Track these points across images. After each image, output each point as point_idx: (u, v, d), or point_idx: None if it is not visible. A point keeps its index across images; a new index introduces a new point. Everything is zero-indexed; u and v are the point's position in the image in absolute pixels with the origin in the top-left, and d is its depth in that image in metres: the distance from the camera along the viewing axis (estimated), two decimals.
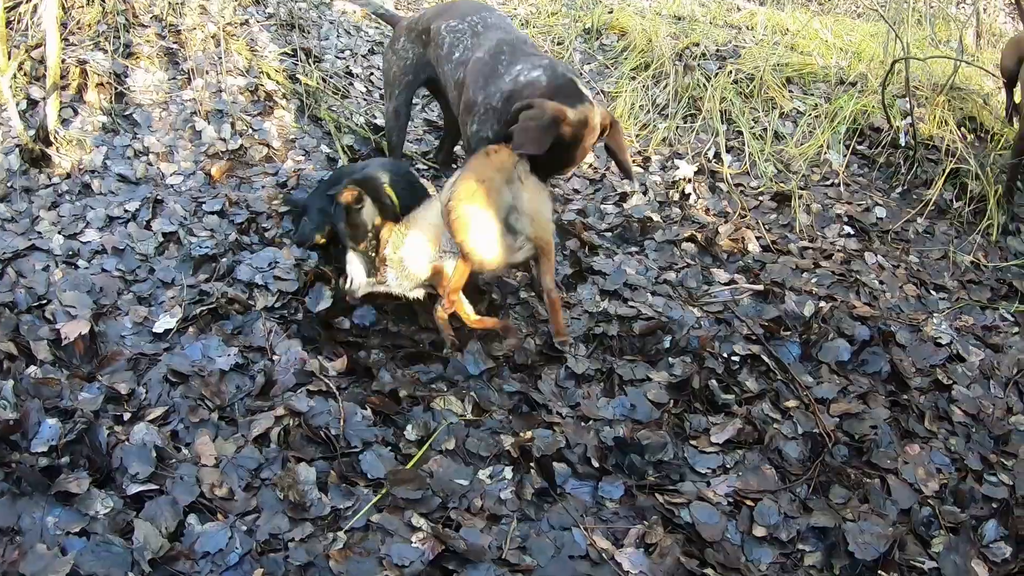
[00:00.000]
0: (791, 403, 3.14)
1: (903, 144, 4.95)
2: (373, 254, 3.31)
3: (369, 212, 3.28)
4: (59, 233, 3.68)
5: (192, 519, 2.41)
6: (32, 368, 2.90)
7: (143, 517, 2.37)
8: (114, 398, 2.85)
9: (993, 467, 2.97)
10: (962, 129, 5.09)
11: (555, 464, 2.73)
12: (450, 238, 3.12)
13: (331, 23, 5.90)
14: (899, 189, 4.84)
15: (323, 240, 3.69)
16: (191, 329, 3.21)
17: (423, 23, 3.82)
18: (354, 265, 3.34)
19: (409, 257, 3.27)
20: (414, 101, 4.95)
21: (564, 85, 3.19)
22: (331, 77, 5.21)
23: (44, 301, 3.25)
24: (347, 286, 3.33)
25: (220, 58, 4.87)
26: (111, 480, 2.52)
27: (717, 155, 4.96)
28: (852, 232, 4.43)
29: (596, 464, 2.77)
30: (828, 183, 4.81)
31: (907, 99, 4.88)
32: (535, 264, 3.30)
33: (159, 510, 2.41)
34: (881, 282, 4.00)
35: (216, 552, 2.33)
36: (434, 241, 3.23)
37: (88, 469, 2.51)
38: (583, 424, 2.95)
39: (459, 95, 3.51)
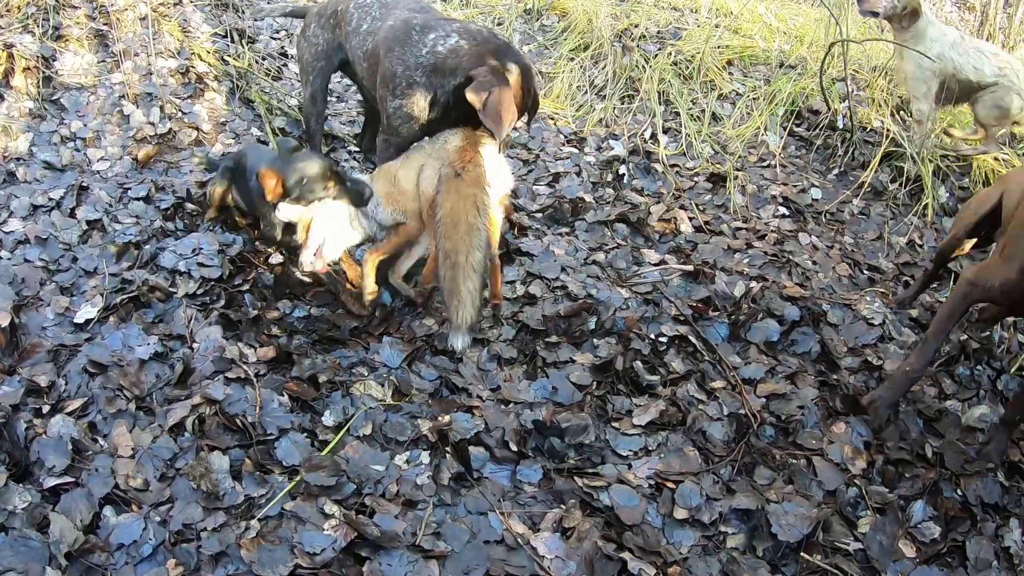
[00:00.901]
0: (717, 384, 3.14)
1: (841, 127, 4.97)
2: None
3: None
4: None
5: (107, 511, 2.39)
6: None
7: (59, 510, 2.35)
8: (34, 391, 2.80)
9: (922, 447, 2.98)
10: (900, 113, 5.13)
11: (473, 448, 2.72)
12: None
13: (266, 2, 5.81)
14: (835, 171, 4.86)
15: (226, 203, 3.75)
16: (112, 318, 3.16)
17: (331, 6, 3.81)
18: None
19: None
20: (349, 83, 4.91)
21: (487, 41, 3.20)
22: (265, 58, 5.14)
23: None
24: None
25: (151, 39, 4.77)
26: (29, 474, 2.49)
27: (654, 136, 4.95)
28: (787, 213, 4.44)
29: (515, 448, 2.75)
30: (764, 164, 4.82)
31: (845, 82, 4.91)
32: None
33: (75, 503, 2.38)
34: (814, 262, 4.01)
35: (130, 544, 2.31)
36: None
37: (6, 464, 2.48)
38: (503, 407, 2.93)
39: (372, 68, 3.46)
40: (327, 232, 3.30)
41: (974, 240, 3.60)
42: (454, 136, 3.23)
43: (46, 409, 2.73)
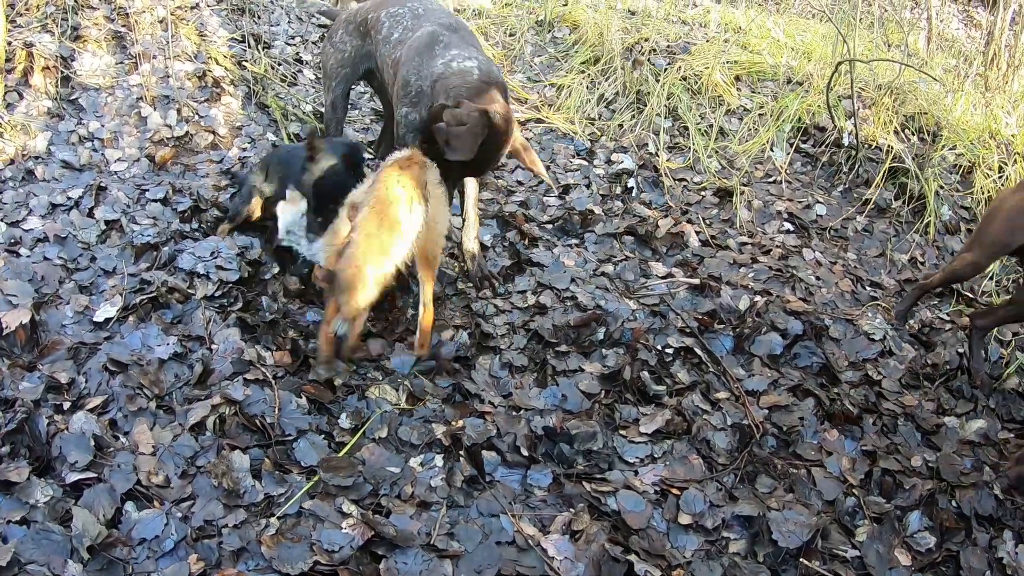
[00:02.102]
0: (722, 395, 3.22)
1: (846, 144, 5.05)
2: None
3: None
4: (1, 220, 3.66)
5: (129, 506, 2.44)
6: None
7: (81, 505, 2.40)
8: (54, 387, 2.85)
9: (919, 460, 3.05)
10: (905, 131, 5.20)
11: (485, 452, 2.79)
12: None
13: (283, 8, 5.89)
14: (840, 188, 4.93)
15: (255, 216, 3.78)
16: (131, 318, 3.21)
17: (362, 15, 3.83)
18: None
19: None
20: (362, 91, 4.97)
21: (495, 83, 3.21)
22: (280, 64, 5.20)
23: None
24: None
25: (168, 42, 4.84)
26: (51, 469, 2.54)
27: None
28: (792, 228, 4.52)
29: (526, 453, 2.83)
30: (771, 180, 4.89)
31: (851, 100, 4.98)
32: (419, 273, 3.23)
33: (97, 498, 2.43)
34: (818, 278, 4.09)
35: (152, 538, 2.37)
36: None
37: (28, 458, 2.53)
38: (514, 414, 3.01)
39: (394, 75, 3.50)
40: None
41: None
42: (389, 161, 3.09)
43: (67, 406, 2.78)
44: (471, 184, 3.69)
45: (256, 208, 3.77)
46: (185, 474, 2.60)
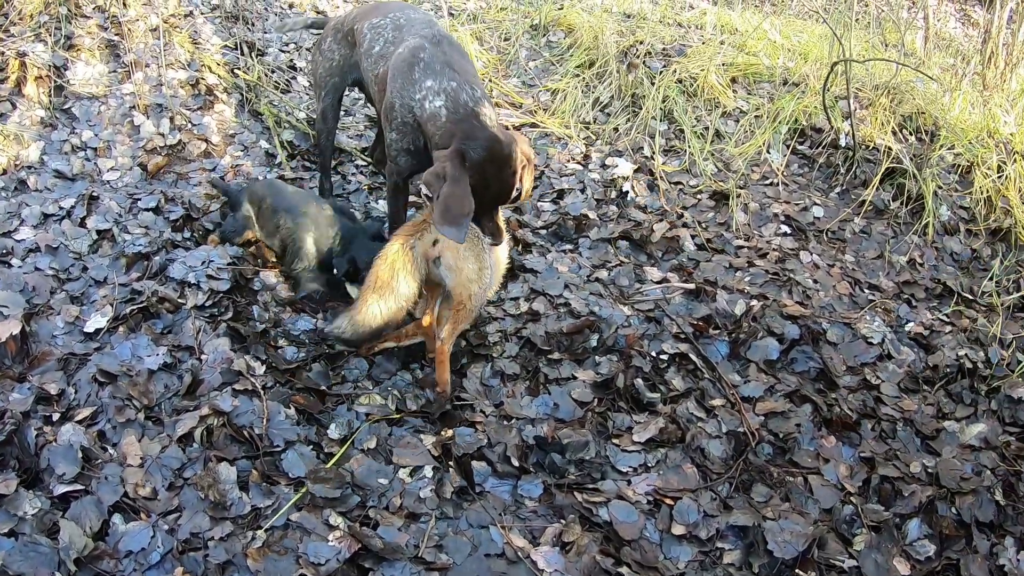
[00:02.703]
0: (717, 402, 3.18)
1: (843, 145, 5.01)
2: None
3: None
4: None
5: (116, 519, 2.45)
6: None
7: (69, 517, 2.41)
8: (44, 398, 2.85)
9: (919, 465, 3.01)
10: (903, 131, 5.16)
11: (475, 463, 2.77)
12: None
13: (276, 15, 5.88)
14: (838, 189, 4.89)
15: (249, 239, 3.79)
16: (122, 328, 3.21)
17: (348, 23, 3.80)
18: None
19: None
20: (357, 97, 4.95)
21: (464, 120, 3.05)
22: (273, 71, 5.19)
23: None
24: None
25: (161, 51, 4.83)
26: (39, 480, 2.55)
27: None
28: (789, 231, 4.47)
29: (516, 463, 2.81)
30: (767, 182, 4.86)
31: (848, 101, 4.95)
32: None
33: (84, 510, 2.44)
34: (815, 281, 4.04)
35: (139, 551, 2.37)
36: None
37: (16, 470, 2.54)
38: (505, 423, 2.99)
39: (381, 93, 3.45)
40: None
41: None
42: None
43: (56, 417, 2.78)
44: None
45: (248, 237, 3.79)
46: (172, 486, 2.60)
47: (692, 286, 3.80)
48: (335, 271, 3.57)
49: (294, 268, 3.65)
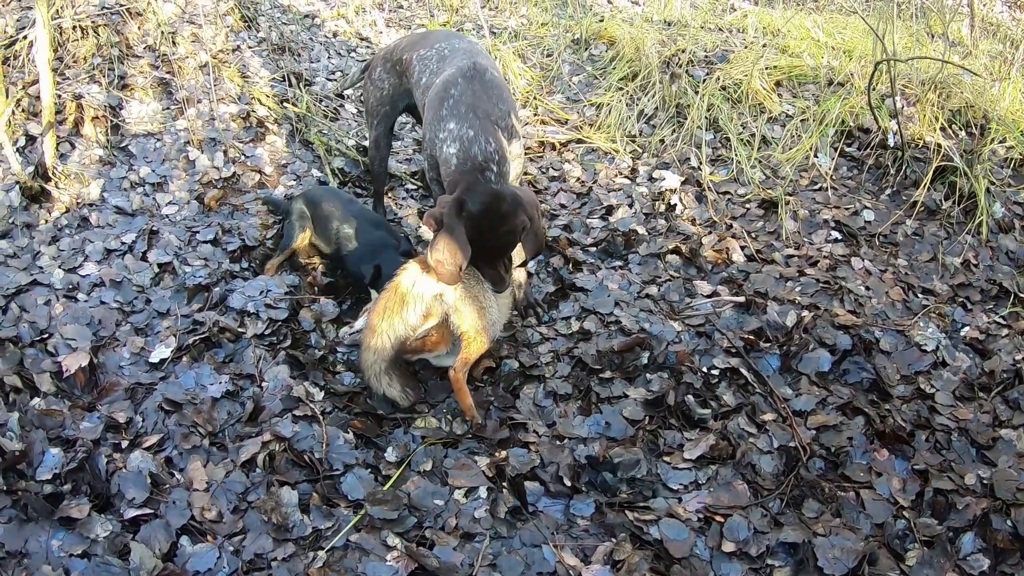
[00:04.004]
0: (768, 416, 3.16)
1: (892, 145, 4.93)
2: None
3: None
4: (59, 267, 3.79)
5: (184, 541, 2.55)
6: (36, 400, 3.03)
7: (139, 539, 2.51)
8: (113, 427, 2.97)
9: (974, 477, 2.94)
10: (952, 127, 5.05)
11: (528, 483, 2.82)
12: None
13: (322, 44, 6.00)
14: (888, 191, 4.79)
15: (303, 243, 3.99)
16: (185, 358, 3.32)
17: (397, 53, 3.87)
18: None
19: None
20: (404, 120, 5.04)
21: (469, 173, 3.10)
22: (321, 100, 5.30)
23: (46, 335, 3.36)
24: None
25: (212, 86, 4.97)
26: (110, 505, 2.66)
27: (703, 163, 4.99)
28: (840, 237, 4.41)
29: (568, 482, 2.85)
30: (816, 187, 4.79)
31: (893, 99, 4.87)
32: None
33: (153, 532, 2.55)
34: (867, 288, 3.97)
35: (205, 571, 2.47)
36: None
37: (89, 495, 2.65)
38: (558, 443, 3.02)
39: None
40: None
41: None
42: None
43: (125, 444, 2.90)
44: None
45: (305, 240, 3.95)
46: (237, 509, 2.69)
47: (742, 299, 3.78)
48: (363, 276, 3.68)
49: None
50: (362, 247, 3.80)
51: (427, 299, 3.09)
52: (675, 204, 4.60)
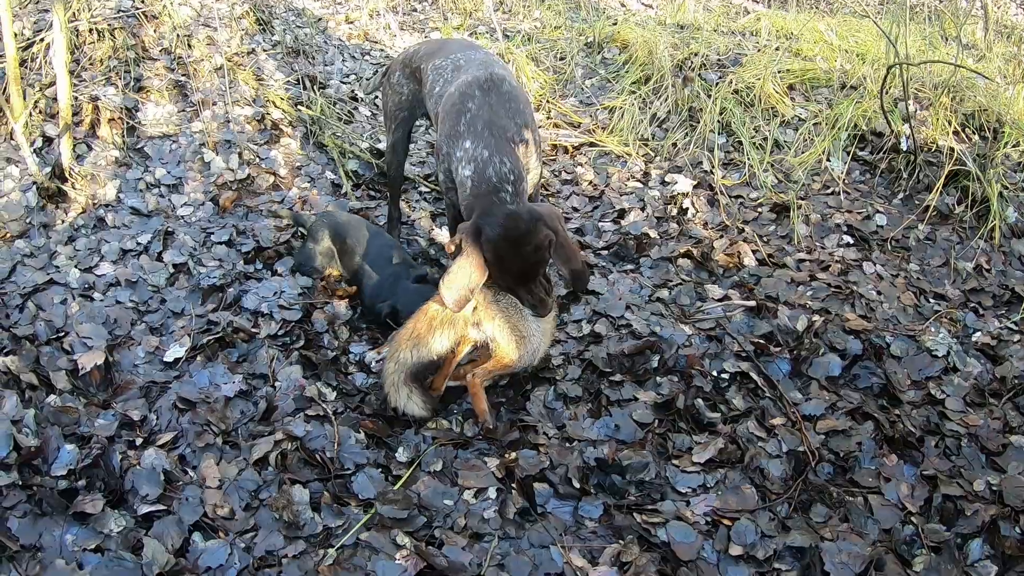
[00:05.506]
0: (777, 420, 3.16)
1: (904, 149, 4.92)
2: None
3: None
4: (76, 267, 3.85)
5: (196, 537, 2.58)
6: (52, 397, 3.07)
7: (152, 535, 2.54)
8: (127, 424, 3.01)
9: (983, 484, 2.93)
10: (965, 130, 5.03)
11: (537, 485, 2.83)
12: None
13: (336, 47, 6.04)
14: (901, 195, 4.77)
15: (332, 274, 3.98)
16: (199, 358, 3.37)
17: (416, 60, 3.88)
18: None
19: None
20: (419, 124, 5.06)
21: (483, 196, 3.09)
22: (335, 103, 5.34)
23: (62, 333, 3.42)
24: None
25: (227, 89, 5.02)
26: (124, 501, 2.69)
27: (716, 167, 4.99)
28: (852, 241, 4.40)
29: (577, 484, 2.85)
30: (828, 191, 4.79)
31: (906, 103, 4.86)
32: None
33: (166, 528, 2.58)
34: (879, 292, 3.96)
35: (217, 567, 2.50)
36: None
37: (103, 491, 2.69)
38: (567, 445, 3.04)
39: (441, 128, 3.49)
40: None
41: None
42: None
43: (139, 441, 2.93)
44: None
45: (331, 272, 3.99)
46: (249, 507, 2.73)
47: (753, 303, 3.78)
48: (380, 314, 3.70)
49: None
50: (380, 282, 3.80)
51: (460, 326, 3.12)
52: (687, 208, 4.61)
